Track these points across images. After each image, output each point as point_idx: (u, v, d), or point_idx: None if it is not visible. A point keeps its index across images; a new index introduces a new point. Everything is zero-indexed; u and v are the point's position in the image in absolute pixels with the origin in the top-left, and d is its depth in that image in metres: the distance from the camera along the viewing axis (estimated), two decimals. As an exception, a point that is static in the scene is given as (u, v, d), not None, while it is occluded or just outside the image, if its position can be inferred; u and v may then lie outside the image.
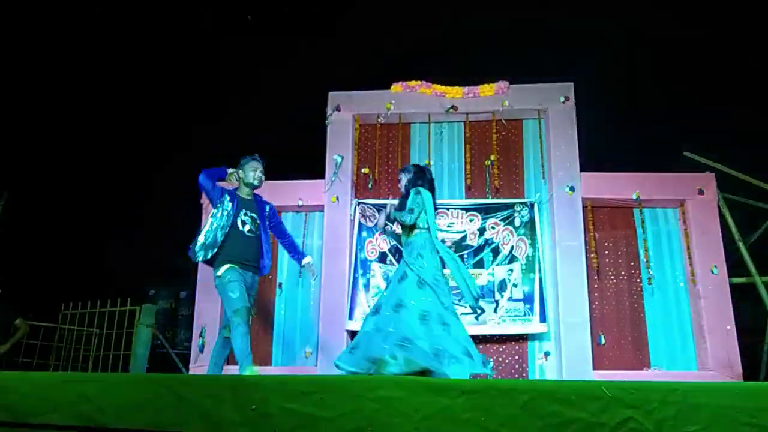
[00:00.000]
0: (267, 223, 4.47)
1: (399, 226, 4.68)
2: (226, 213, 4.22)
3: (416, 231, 4.34)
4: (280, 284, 6.43)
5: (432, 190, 4.49)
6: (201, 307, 6.34)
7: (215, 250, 4.15)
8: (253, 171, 4.41)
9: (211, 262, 4.19)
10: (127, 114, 8.17)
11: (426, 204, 4.33)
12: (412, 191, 4.40)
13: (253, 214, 4.37)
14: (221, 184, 4.37)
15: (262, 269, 4.39)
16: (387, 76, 6.68)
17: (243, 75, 7.97)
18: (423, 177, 4.53)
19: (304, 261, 4.58)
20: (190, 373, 6.08)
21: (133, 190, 8.85)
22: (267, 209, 4.51)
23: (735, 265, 6.21)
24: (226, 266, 4.12)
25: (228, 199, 4.27)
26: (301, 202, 6.37)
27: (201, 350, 6.15)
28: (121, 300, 8.16)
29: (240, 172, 4.43)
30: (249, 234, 4.28)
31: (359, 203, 6.28)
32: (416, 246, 4.27)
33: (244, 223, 4.27)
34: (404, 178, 4.58)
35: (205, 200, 6.55)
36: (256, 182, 4.42)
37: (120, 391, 2.35)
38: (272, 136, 7.86)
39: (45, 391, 2.42)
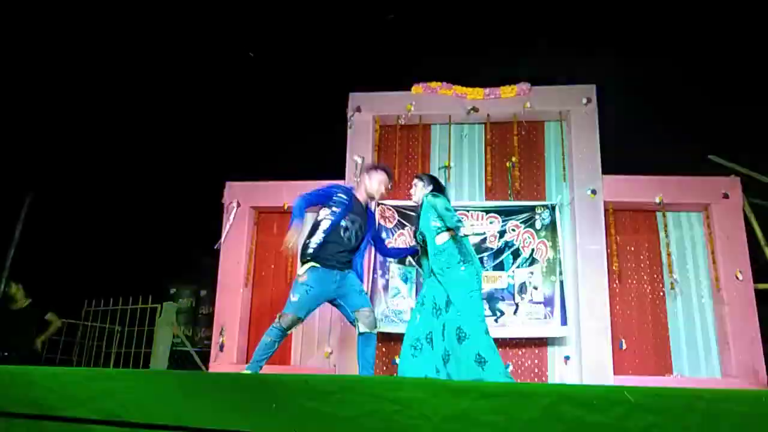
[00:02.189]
0: (371, 233, 4.33)
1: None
2: (330, 219, 4.11)
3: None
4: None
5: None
6: (221, 305, 6.39)
7: (312, 251, 4.06)
8: (378, 184, 4.29)
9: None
10: (150, 113, 8.25)
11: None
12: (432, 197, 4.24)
13: (361, 222, 4.20)
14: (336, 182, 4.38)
15: (354, 266, 4.22)
16: (408, 77, 6.68)
17: (263, 75, 8.01)
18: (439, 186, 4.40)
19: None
20: (210, 371, 6.12)
21: (155, 188, 8.95)
22: (374, 223, 4.40)
23: (760, 271, 6.10)
24: (308, 265, 4.03)
25: (338, 203, 4.15)
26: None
27: (221, 349, 6.20)
28: (142, 298, 8.27)
29: (366, 177, 4.32)
30: (348, 241, 4.11)
31: (379, 204, 6.28)
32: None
33: (346, 229, 4.12)
34: (422, 187, 4.39)
35: (227, 200, 6.61)
36: (376, 195, 4.31)
37: (142, 387, 2.38)
38: (292, 137, 7.90)
39: (70, 387, 2.46)
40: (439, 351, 4.00)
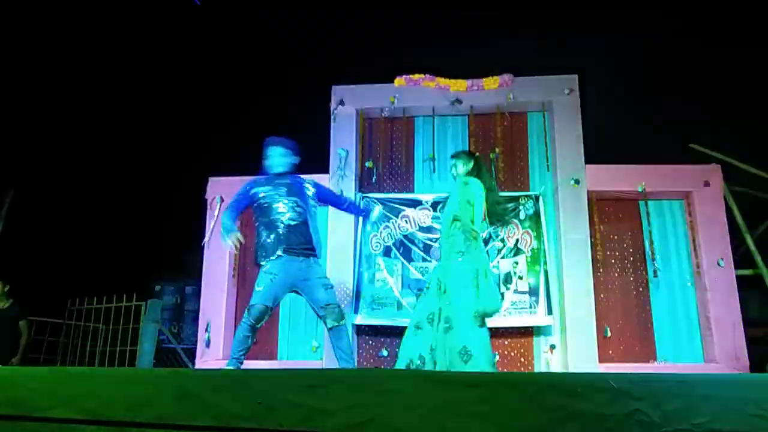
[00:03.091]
0: (314, 201, 4.25)
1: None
2: (261, 209, 4.11)
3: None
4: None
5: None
6: (206, 301, 6.35)
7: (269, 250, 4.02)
8: (264, 159, 4.27)
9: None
10: (131, 110, 8.17)
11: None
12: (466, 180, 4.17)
13: (294, 198, 4.12)
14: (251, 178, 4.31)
15: (316, 249, 4.13)
16: (390, 70, 6.66)
17: (245, 70, 7.96)
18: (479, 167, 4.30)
19: (375, 211, 4.65)
20: (197, 367, 6.09)
21: (138, 185, 8.87)
22: (310, 186, 4.29)
23: (741, 257, 6.18)
24: (270, 257, 4.01)
25: (260, 193, 4.13)
26: (305, 197, 6.36)
27: (207, 345, 6.16)
28: (126, 296, 8.20)
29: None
30: (292, 221, 4.05)
31: (363, 197, 6.27)
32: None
33: (282, 212, 4.06)
34: (462, 165, 4.28)
35: (209, 195, 6.56)
36: (273, 169, 4.23)
37: (127, 386, 2.35)
38: (276, 131, 7.85)
39: (52, 387, 2.43)
40: (435, 331, 4.02)
